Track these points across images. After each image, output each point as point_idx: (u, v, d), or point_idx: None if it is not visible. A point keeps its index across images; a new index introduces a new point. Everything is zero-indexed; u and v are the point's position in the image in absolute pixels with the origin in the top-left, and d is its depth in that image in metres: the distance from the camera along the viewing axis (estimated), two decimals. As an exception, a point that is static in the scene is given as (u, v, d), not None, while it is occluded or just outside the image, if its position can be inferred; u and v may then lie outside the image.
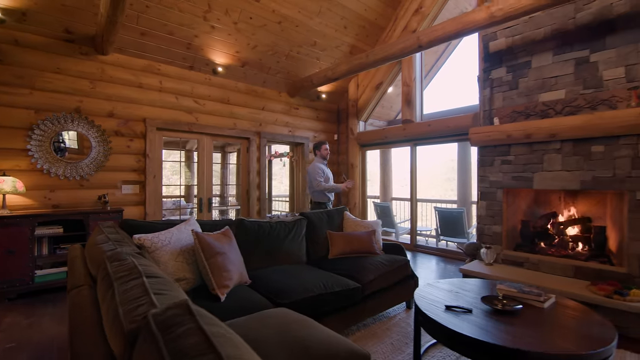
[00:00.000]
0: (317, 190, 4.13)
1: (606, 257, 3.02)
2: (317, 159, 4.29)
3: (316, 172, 4.13)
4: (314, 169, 4.17)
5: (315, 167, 4.18)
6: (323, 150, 4.26)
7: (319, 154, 4.28)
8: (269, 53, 4.88)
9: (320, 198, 4.19)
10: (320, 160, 4.27)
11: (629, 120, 2.69)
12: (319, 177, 4.10)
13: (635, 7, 2.86)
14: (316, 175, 4.11)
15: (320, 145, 4.29)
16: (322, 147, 4.27)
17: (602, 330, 1.60)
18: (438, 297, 2.02)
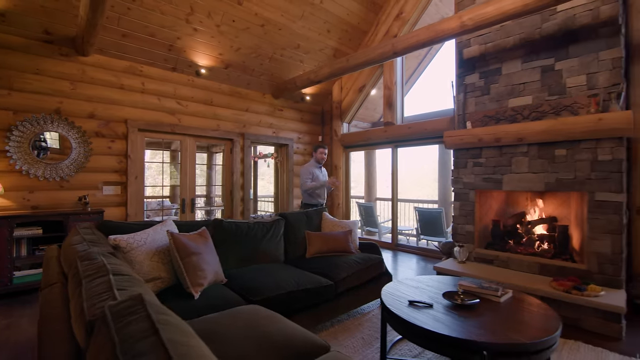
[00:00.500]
0: (304, 190, 4.22)
1: (569, 254, 3.19)
2: (312, 161, 4.36)
3: (305, 173, 4.23)
4: (304, 170, 4.26)
5: (305, 168, 4.27)
6: (318, 154, 4.31)
7: (314, 157, 4.35)
8: (252, 55, 4.94)
9: (309, 200, 4.25)
10: (314, 163, 4.33)
11: (589, 126, 2.86)
12: (306, 178, 4.19)
13: (596, 19, 3.04)
14: (304, 176, 4.22)
15: (316, 149, 4.35)
16: (318, 150, 4.32)
17: (548, 321, 1.74)
18: (404, 293, 2.13)
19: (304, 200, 4.30)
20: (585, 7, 3.09)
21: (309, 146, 6.37)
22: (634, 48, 3.22)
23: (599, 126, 2.80)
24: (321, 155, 4.31)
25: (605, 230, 2.86)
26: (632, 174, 3.23)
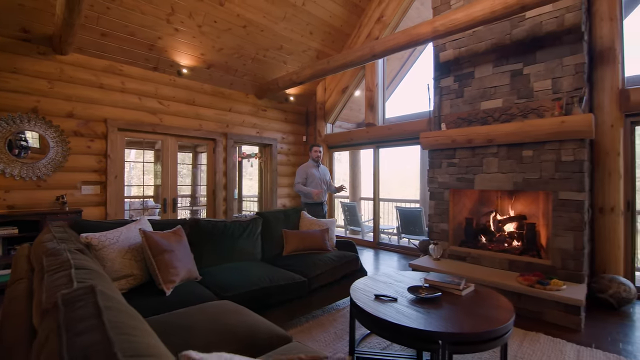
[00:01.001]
0: (297, 190, 4.33)
1: (536, 251, 3.34)
2: (309, 161, 4.45)
3: (299, 174, 4.32)
4: (299, 170, 4.37)
5: (301, 168, 4.37)
6: (312, 152, 4.43)
7: (310, 156, 4.46)
8: (235, 56, 4.97)
9: (305, 199, 4.35)
10: (311, 162, 4.41)
11: (553, 128, 3.01)
12: (297, 179, 4.30)
13: (561, 27, 3.19)
14: (297, 178, 4.32)
15: (311, 147, 4.48)
16: (313, 149, 4.43)
17: (502, 313, 1.84)
18: (372, 288, 2.21)
19: (302, 199, 4.39)
20: (551, 14, 3.24)
21: (293, 146, 6.43)
22: (597, 54, 3.39)
23: (562, 128, 2.94)
24: (315, 154, 4.39)
25: (567, 227, 3.01)
26: (595, 175, 3.41)
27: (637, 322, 2.79)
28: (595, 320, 2.82)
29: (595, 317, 2.88)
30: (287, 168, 6.32)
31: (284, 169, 6.27)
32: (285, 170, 6.29)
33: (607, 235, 3.33)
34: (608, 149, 3.30)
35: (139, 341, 0.66)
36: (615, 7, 3.33)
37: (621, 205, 3.29)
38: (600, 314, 2.96)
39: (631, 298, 3.00)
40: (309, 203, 4.29)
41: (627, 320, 2.83)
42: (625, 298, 2.99)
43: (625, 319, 2.85)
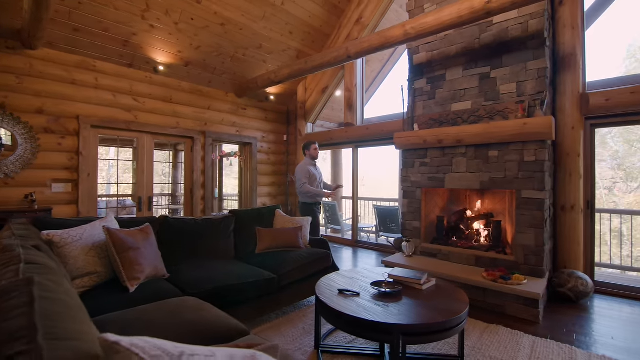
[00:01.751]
0: (300, 192, 4.11)
1: (502, 247, 3.47)
2: (306, 159, 4.21)
3: (300, 173, 4.10)
4: (300, 169, 4.12)
5: (301, 167, 4.12)
6: (312, 150, 4.15)
7: (308, 154, 4.19)
8: (213, 54, 4.96)
9: (306, 199, 4.12)
10: (309, 161, 4.19)
11: (516, 129, 3.14)
12: (303, 179, 4.05)
13: (525, 32, 3.33)
14: (301, 177, 4.07)
15: (309, 145, 4.18)
16: (312, 147, 4.16)
17: (456, 305, 1.93)
18: (337, 284, 2.27)
19: (300, 199, 4.16)
20: (516, 20, 3.37)
21: (273, 145, 6.45)
22: (560, 60, 3.55)
23: (524, 130, 3.08)
24: (315, 152, 4.18)
25: (530, 225, 3.14)
26: (557, 175, 3.57)
27: (592, 315, 2.94)
28: (554, 313, 2.96)
29: (555, 310, 3.03)
30: (267, 167, 6.33)
31: (264, 167, 6.28)
32: (265, 169, 6.30)
33: (568, 233, 3.50)
34: (569, 150, 3.47)
35: (64, 327, 0.69)
36: (577, 15, 3.50)
37: (581, 203, 3.46)
38: (559, 307, 3.11)
39: (588, 292, 3.16)
40: (308, 203, 4.10)
41: (583, 313, 2.99)
42: (582, 292, 3.15)
43: (582, 312, 3.01)
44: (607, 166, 12.15)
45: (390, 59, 7.45)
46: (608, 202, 11.90)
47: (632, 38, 14.46)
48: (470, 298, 3.12)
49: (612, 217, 4.96)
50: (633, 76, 3.43)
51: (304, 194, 4.07)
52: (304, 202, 4.13)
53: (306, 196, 4.08)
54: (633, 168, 11.56)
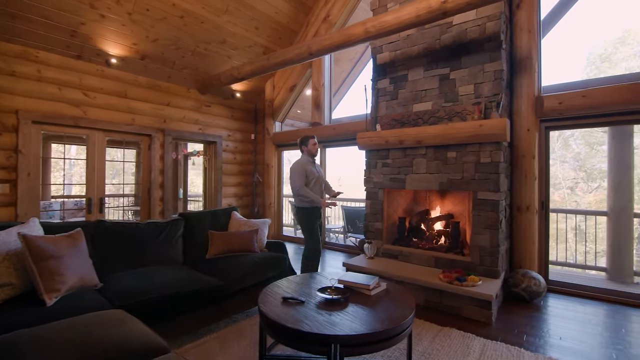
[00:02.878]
0: (295, 194, 3.47)
1: (460, 248, 3.48)
2: (304, 156, 3.58)
3: (296, 173, 3.43)
4: (295, 170, 3.45)
5: (297, 167, 3.47)
6: (311, 146, 3.55)
7: (306, 151, 3.57)
8: (172, 47, 4.71)
9: (301, 203, 3.46)
10: (306, 158, 3.56)
11: (472, 131, 3.14)
12: (298, 181, 3.39)
13: (482, 34, 3.34)
14: (297, 176, 3.40)
15: (307, 140, 3.56)
16: (310, 141, 3.55)
17: (402, 312, 1.86)
18: (284, 291, 2.16)
19: (296, 203, 3.54)
20: (474, 22, 3.38)
21: (240, 144, 6.25)
22: (517, 62, 3.60)
23: (480, 131, 3.08)
24: (314, 147, 3.58)
25: (485, 226, 3.16)
26: (514, 176, 3.62)
27: (544, 315, 2.99)
28: (508, 314, 2.98)
29: (509, 310, 3.06)
30: (233, 167, 6.13)
31: (230, 167, 6.07)
32: (231, 169, 6.09)
33: (523, 233, 3.56)
34: (525, 152, 3.52)
35: None
36: (533, 20, 3.56)
37: (536, 204, 3.53)
38: (513, 306, 3.15)
39: (541, 291, 3.21)
40: (307, 207, 3.47)
41: (536, 312, 3.03)
42: (535, 291, 3.20)
43: (535, 311, 3.05)
44: (569, 167, 12.71)
45: (361, 59, 7.42)
46: (570, 201, 12.45)
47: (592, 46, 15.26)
48: (427, 300, 3.11)
49: (567, 216, 5.14)
50: (584, 81, 3.53)
51: (301, 197, 3.44)
52: (301, 207, 3.48)
53: (303, 200, 3.45)
54: (593, 169, 12.13)
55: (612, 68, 11.32)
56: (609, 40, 12.05)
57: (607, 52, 12.09)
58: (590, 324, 2.76)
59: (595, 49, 12.61)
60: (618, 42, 11.75)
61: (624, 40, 11.64)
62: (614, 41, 11.83)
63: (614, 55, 11.81)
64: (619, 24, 14.77)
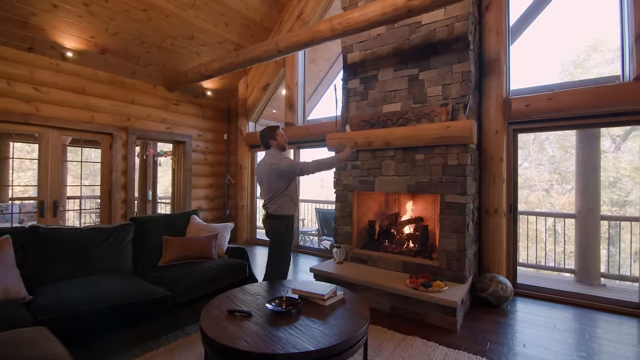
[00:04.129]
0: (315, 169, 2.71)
1: (428, 252, 3.41)
2: (274, 151, 2.79)
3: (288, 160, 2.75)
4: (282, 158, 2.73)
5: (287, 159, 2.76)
6: (280, 137, 2.80)
7: (275, 144, 2.78)
8: (135, 42, 4.47)
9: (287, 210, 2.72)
10: (275, 151, 2.79)
11: (440, 133, 3.07)
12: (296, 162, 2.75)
13: (451, 35, 3.29)
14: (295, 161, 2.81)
15: (274, 131, 2.80)
16: (278, 132, 2.81)
17: (354, 325, 1.74)
18: (233, 303, 2.00)
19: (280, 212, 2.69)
20: (443, 22, 3.33)
21: (211, 144, 6.04)
22: (486, 64, 3.57)
23: (447, 133, 3.02)
24: (283, 139, 2.85)
25: (452, 229, 3.09)
26: (482, 179, 3.58)
27: (510, 320, 2.94)
28: (474, 320, 2.92)
29: (475, 316, 3.00)
30: (204, 168, 5.91)
31: (200, 168, 5.85)
32: (201, 170, 5.87)
33: (491, 236, 3.52)
34: (493, 154, 3.49)
35: None
36: (502, 22, 3.53)
37: (504, 207, 3.50)
38: (480, 312, 3.09)
39: (508, 296, 3.17)
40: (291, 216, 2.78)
41: (502, 318, 2.98)
42: (502, 296, 3.15)
43: (501, 317, 3.00)
44: (545, 170, 13.03)
45: (337, 60, 7.32)
46: (545, 203, 12.76)
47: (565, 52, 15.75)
48: (393, 307, 3.01)
49: (537, 218, 5.18)
50: (551, 84, 3.53)
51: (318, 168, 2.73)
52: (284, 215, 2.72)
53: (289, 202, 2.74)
54: (567, 172, 12.46)
55: (585, 74, 11.67)
56: (581, 47, 12.45)
57: (580, 58, 12.46)
58: (556, 330, 2.73)
59: (569, 56, 13.01)
60: (590, 49, 12.13)
61: (595, 48, 12.03)
62: (586, 48, 12.21)
63: (586, 62, 12.18)
64: (591, 32, 15.32)
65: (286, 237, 2.74)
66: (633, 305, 3.05)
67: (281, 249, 2.74)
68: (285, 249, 2.76)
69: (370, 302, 3.10)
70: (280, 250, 2.74)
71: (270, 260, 2.78)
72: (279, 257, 2.74)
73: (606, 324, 2.83)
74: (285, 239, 2.74)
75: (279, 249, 2.74)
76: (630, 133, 10.59)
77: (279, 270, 2.74)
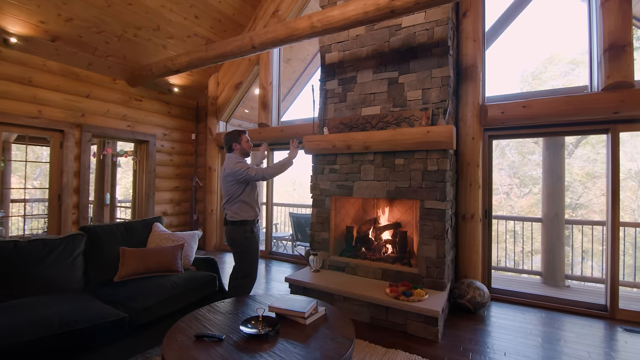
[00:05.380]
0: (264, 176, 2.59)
1: (407, 259, 3.34)
2: (233, 155, 2.68)
3: (236, 164, 2.56)
4: (231, 160, 2.60)
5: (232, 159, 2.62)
6: (245, 143, 2.70)
7: (238, 149, 2.68)
8: (92, 30, 4.05)
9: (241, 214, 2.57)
10: (238, 156, 2.70)
11: (420, 137, 3.01)
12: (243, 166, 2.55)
13: (431, 39, 3.25)
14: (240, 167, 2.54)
15: (238, 136, 2.69)
16: (242, 137, 2.70)
17: (339, 346, 1.59)
18: (201, 324, 1.77)
19: (235, 218, 2.57)
20: (423, 26, 3.28)
21: (178, 144, 5.65)
22: (463, 70, 3.58)
23: (428, 138, 2.96)
24: (248, 145, 2.73)
25: (432, 235, 3.04)
26: (459, 184, 3.58)
27: (488, 327, 2.93)
28: (453, 328, 2.87)
29: (454, 324, 2.95)
30: (169, 169, 5.51)
31: (165, 170, 5.44)
32: (167, 172, 5.47)
33: (468, 242, 3.52)
34: (469, 160, 3.50)
35: None
36: (478, 29, 3.56)
37: (480, 212, 3.51)
38: (458, 319, 3.06)
39: (485, 302, 3.17)
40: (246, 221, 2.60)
41: (480, 325, 2.96)
42: (480, 302, 3.14)
43: (479, 323, 2.98)
44: (505, 174, 13.71)
45: (313, 60, 7.19)
46: (506, 205, 13.42)
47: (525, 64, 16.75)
48: (373, 317, 2.89)
49: (507, 222, 5.34)
50: (525, 93, 3.62)
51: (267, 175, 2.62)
52: (240, 221, 2.57)
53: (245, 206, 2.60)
54: (525, 176, 13.18)
55: (541, 85, 12.43)
56: (539, 60, 13.27)
57: (537, 70, 13.27)
58: (532, 336, 2.74)
59: (528, 67, 13.83)
60: (547, 62, 12.96)
61: (552, 61, 12.87)
62: (544, 61, 13.05)
63: (543, 74, 12.99)
64: (547, 46, 16.45)
65: (246, 245, 2.60)
66: (600, 307, 3.16)
67: (242, 258, 2.63)
68: (245, 258, 2.62)
69: (350, 313, 2.96)
70: (241, 259, 2.63)
71: (233, 271, 2.68)
72: (240, 267, 2.63)
73: (578, 328, 2.89)
74: (245, 247, 2.60)
75: (239, 258, 2.64)
76: (581, 141, 11.39)
77: (240, 283, 2.61)
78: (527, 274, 5.03)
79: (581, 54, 12.20)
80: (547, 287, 4.14)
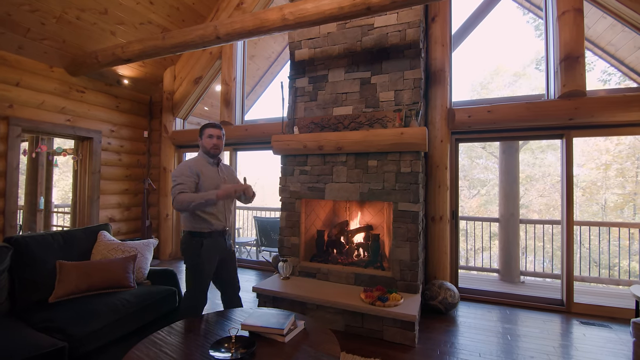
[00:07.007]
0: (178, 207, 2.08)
1: (380, 263, 3.27)
2: (199, 155, 2.35)
3: (177, 174, 2.16)
4: (179, 169, 2.19)
5: (182, 166, 2.22)
6: (205, 139, 2.31)
7: (200, 146, 2.36)
8: (24, 8, 3.48)
9: (190, 225, 2.19)
10: (202, 156, 2.33)
11: (393, 139, 2.96)
12: (178, 182, 2.12)
13: (403, 40, 3.23)
14: (176, 179, 2.14)
15: (201, 131, 2.36)
16: (204, 132, 2.33)
17: (325, 366, 1.43)
18: (160, 351, 1.51)
19: (185, 227, 2.24)
20: (395, 27, 3.26)
21: (128, 142, 5.12)
22: (432, 74, 3.62)
23: (401, 139, 2.92)
24: (209, 142, 2.29)
25: (405, 238, 3.00)
26: (428, 186, 3.61)
27: (460, 327, 2.94)
28: (427, 331, 2.84)
29: (428, 326, 2.93)
30: (118, 170, 4.96)
31: (113, 171, 4.89)
32: (114, 173, 4.91)
33: (437, 243, 3.55)
34: (438, 162, 3.54)
35: None
36: (446, 34, 3.63)
37: (447, 214, 3.57)
38: (431, 320, 3.05)
39: (456, 302, 3.20)
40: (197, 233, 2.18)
41: (452, 326, 2.97)
42: (451, 303, 3.16)
43: (451, 325, 3.00)
44: (457, 176, 14.56)
45: (278, 59, 6.97)
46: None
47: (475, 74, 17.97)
48: (348, 325, 2.77)
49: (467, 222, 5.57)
50: (490, 99, 3.75)
51: (182, 208, 2.09)
52: (190, 232, 2.19)
53: (192, 217, 2.18)
54: (473, 179, 14.08)
55: (488, 95, 13.37)
56: (487, 71, 14.27)
57: (485, 80, 14.26)
58: (502, 335, 2.79)
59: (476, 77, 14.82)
60: (494, 73, 13.99)
61: (497, 72, 13.91)
62: (491, 72, 14.06)
63: (490, 84, 14.00)
64: (494, 58, 17.81)
65: (191, 258, 2.16)
66: (557, 302, 3.34)
67: (187, 275, 2.19)
68: (189, 276, 2.18)
69: (324, 322, 2.81)
70: (187, 276, 2.20)
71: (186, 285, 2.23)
72: (187, 284, 2.19)
73: (540, 323, 3.01)
74: (191, 261, 2.16)
75: (186, 274, 2.20)
76: (522, 146, 12.44)
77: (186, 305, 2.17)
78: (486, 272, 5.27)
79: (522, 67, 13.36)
80: (505, 284, 4.35)
